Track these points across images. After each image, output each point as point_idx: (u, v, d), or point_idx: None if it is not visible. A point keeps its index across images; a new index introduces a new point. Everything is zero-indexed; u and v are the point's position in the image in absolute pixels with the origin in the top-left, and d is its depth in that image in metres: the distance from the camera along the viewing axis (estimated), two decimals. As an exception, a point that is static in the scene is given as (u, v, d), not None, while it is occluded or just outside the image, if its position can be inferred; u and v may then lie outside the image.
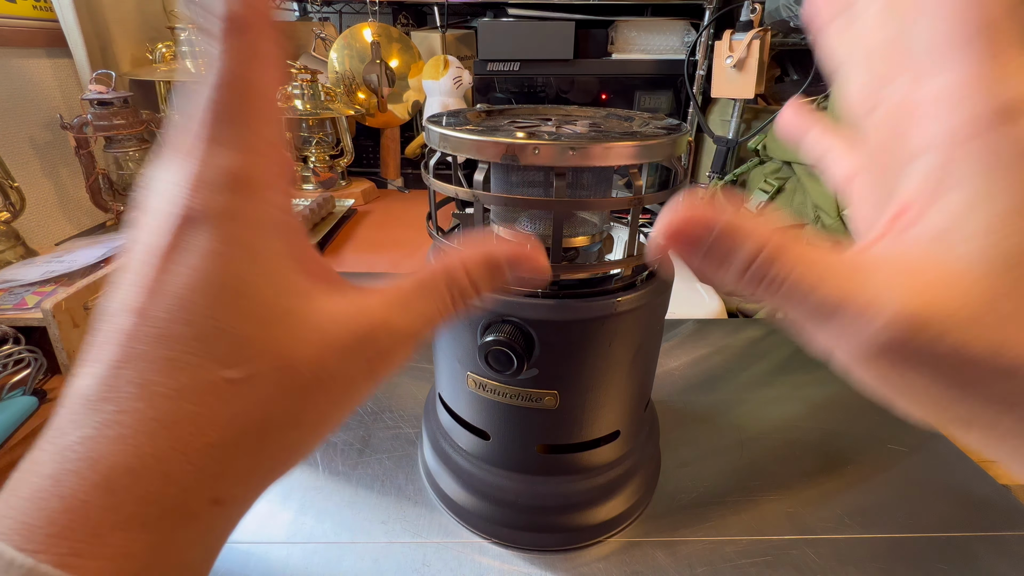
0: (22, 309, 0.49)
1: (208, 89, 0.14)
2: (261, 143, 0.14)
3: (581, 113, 0.38)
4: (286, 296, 0.14)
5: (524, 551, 0.37)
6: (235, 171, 0.14)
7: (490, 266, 0.17)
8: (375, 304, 0.15)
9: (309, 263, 0.15)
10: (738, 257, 0.12)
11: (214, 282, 0.13)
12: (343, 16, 1.18)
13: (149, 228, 0.14)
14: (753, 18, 0.84)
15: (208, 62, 0.14)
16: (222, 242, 0.13)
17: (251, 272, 0.14)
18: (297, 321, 0.14)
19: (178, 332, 0.13)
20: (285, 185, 0.15)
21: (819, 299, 0.12)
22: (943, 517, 0.39)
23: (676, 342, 0.62)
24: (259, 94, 0.14)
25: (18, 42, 0.75)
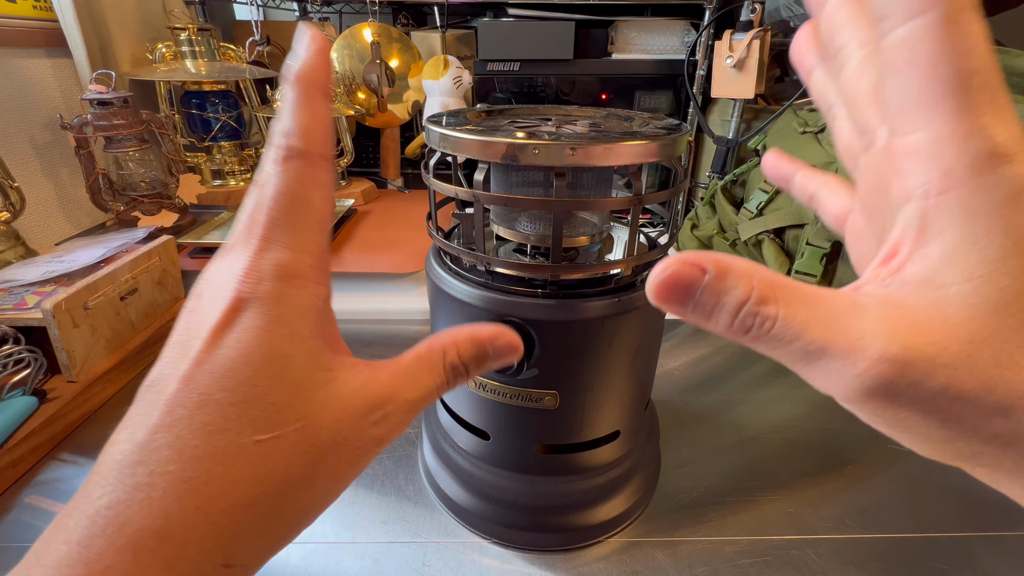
0: (22, 309, 0.49)
1: (268, 200, 0.16)
2: (308, 244, 0.16)
3: (581, 113, 0.38)
4: (316, 369, 0.16)
5: (524, 551, 0.37)
6: (284, 264, 0.16)
7: (476, 344, 0.20)
8: (384, 376, 0.17)
9: (334, 342, 0.17)
10: (727, 304, 0.13)
11: (256, 354, 0.15)
12: (343, 16, 1.18)
13: (203, 309, 0.16)
14: (753, 18, 0.84)
15: (269, 179, 0.16)
16: (268, 320, 0.15)
17: (290, 347, 0.15)
18: (323, 390, 0.16)
19: (219, 398, 0.14)
20: (324, 278, 0.17)
21: (807, 340, 0.13)
22: (943, 517, 0.39)
23: (676, 342, 0.62)
24: (311, 207, 0.16)
25: (18, 42, 0.75)
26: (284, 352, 0.15)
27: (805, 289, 0.13)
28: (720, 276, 0.13)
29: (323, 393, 0.16)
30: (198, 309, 0.16)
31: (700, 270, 0.13)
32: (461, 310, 0.31)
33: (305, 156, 0.16)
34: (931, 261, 0.13)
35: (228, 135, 0.96)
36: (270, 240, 0.16)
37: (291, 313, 0.16)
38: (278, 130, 0.17)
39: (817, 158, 0.71)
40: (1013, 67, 0.67)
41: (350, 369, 0.17)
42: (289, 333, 0.15)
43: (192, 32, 0.87)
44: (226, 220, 0.79)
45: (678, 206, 0.35)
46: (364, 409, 0.16)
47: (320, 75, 0.17)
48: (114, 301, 0.52)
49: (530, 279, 0.31)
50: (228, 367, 0.14)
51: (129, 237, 0.68)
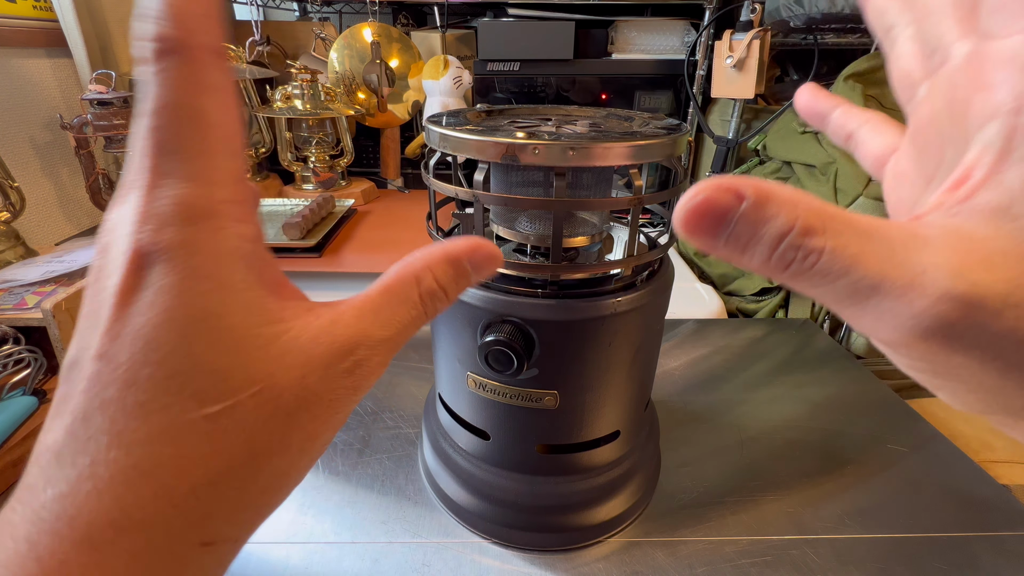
0: (22, 309, 0.49)
1: (146, 118, 0.13)
2: (217, 173, 0.13)
3: (581, 113, 0.38)
4: (259, 323, 0.14)
5: (524, 551, 0.37)
6: (186, 201, 0.13)
7: (453, 263, 0.17)
8: (349, 317, 0.15)
9: (280, 288, 0.15)
10: (766, 235, 0.11)
11: (179, 317, 0.12)
12: (343, 16, 1.18)
13: (102, 268, 0.13)
14: (753, 18, 0.84)
15: (144, 90, 0.13)
16: (182, 276, 0.13)
17: (219, 303, 0.13)
18: (274, 346, 0.14)
19: (147, 374, 0.12)
20: (246, 214, 0.14)
21: (859, 275, 0.11)
22: (943, 517, 0.39)
23: (676, 342, 0.62)
24: (209, 122, 0.13)
25: (18, 42, 0.75)
26: (213, 310, 0.13)
27: (858, 220, 0.11)
28: (760, 204, 0.11)
29: (276, 348, 0.14)
30: (101, 268, 0.13)
31: (736, 196, 0.11)
32: (461, 310, 0.31)
33: (186, 51, 0.13)
34: (1010, 187, 0.11)
35: (228, 135, 0.96)
36: (161, 172, 0.13)
37: (210, 263, 0.13)
38: (142, 15, 0.13)
39: (817, 158, 0.71)
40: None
41: (305, 315, 0.15)
42: (214, 286, 0.13)
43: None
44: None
45: (678, 206, 0.35)
46: (330, 358, 0.14)
47: None
48: (114, 301, 0.52)
49: (530, 279, 0.31)
50: (150, 336, 0.12)
51: (129, 237, 0.68)
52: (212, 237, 0.13)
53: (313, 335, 0.14)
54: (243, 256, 0.14)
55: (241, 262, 0.14)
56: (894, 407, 0.51)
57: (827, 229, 0.11)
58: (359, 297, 0.16)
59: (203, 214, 0.13)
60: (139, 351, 0.12)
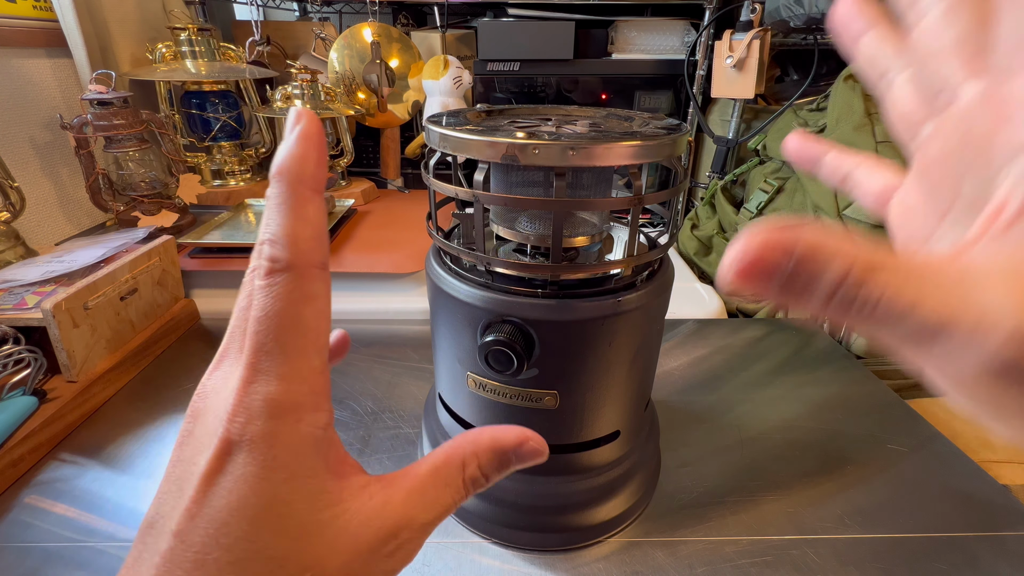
0: (22, 309, 0.49)
1: (254, 323, 0.14)
2: (303, 370, 0.15)
3: (581, 113, 0.38)
4: (320, 509, 0.15)
5: (524, 551, 0.37)
6: (275, 399, 0.14)
7: (499, 454, 0.18)
8: (398, 500, 0.16)
9: (340, 466, 0.16)
10: (822, 284, 0.11)
11: (252, 504, 0.14)
12: (343, 16, 1.18)
13: (195, 444, 0.15)
14: (753, 18, 0.84)
15: (255, 298, 0.14)
16: (260, 466, 0.14)
17: (289, 491, 0.14)
18: (329, 530, 0.15)
19: (215, 557, 0.13)
20: (323, 404, 0.15)
21: (920, 319, 0.11)
22: (943, 517, 0.39)
23: (676, 342, 0.62)
24: (303, 328, 0.15)
25: (18, 42, 0.75)
26: (283, 499, 0.14)
27: (909, 259, 0.11)
28: (811, 255, 0.11)
29: (330, 534, 0.15)
30: (190, 442, 0.15)
31: (785, 254, 0.11)
32: (461, 310, 0.31)
33: (294, 268, 0.14)
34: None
35: (228, 135, 0.96)
36: (258, 370, 0.14)
37: (287, 454, 0.14)
38: (262, 238, 0.15)
39: (817, 158, 0.71)
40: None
41: (359, 496, 0.16)
42: (287, 476, 0.14)
43: (192, 32, 0.87)
44: (226, 220, 0.79)
45: (678, 206, 0.35)
46: (376, 543, 0.15)
47: (308, 168, 0.15)
48: (114, 301, 0.52)
49: (530, 279, 0.31)
50: (223, 521, 0.13)
51: (129, 237, 0.68)
52: (292, 429, 0.14)
53: (365, 518, 0.15)
54: (314, 443, 0.15)
55: (312, 449, 0.15)
56: (894, 407, 0.51)
57: (880, 274, 0.11)
58: (410, 474, 0.17)
59: (287, 408, 0.14)
60: (211, 535, 0.13)
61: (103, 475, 0.43)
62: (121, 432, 0.47)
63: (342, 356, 0.22)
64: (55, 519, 0.38)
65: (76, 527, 0.38)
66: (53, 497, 0.40)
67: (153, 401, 0.51)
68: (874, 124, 0.64)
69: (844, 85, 0.71)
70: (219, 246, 0.70)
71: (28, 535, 0.37)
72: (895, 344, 0.12)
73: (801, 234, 0.11)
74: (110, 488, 0.41)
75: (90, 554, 0.36)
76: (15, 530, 0.37)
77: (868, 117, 0.65)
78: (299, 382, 0.15)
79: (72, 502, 0.40)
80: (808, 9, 0.76)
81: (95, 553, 0.36)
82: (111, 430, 0.47)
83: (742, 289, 0.11)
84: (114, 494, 0.41)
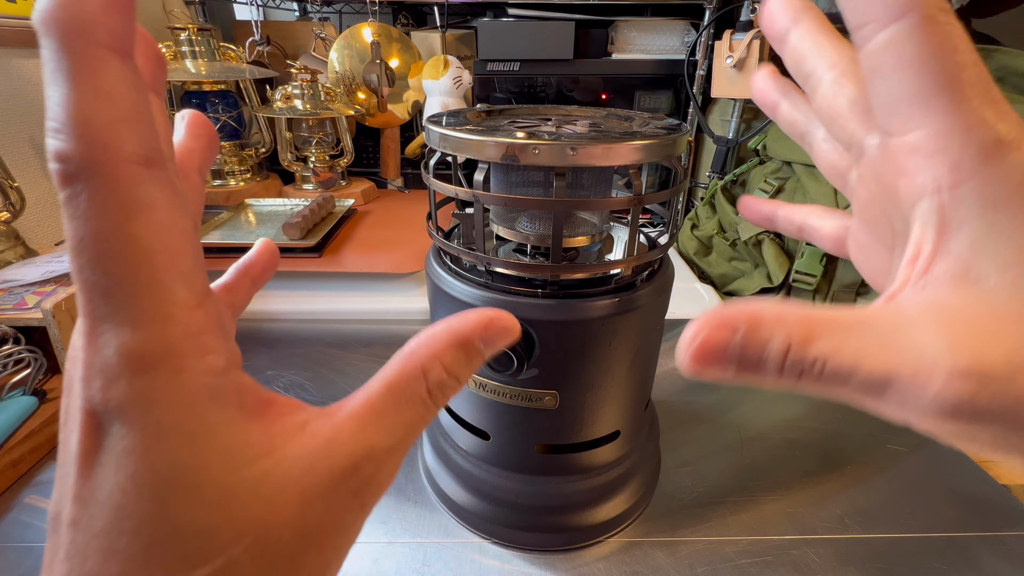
0: (22, 309, 0.49)
1: (71, 258, 0.11)
2: (164, 306, 0.11)
3: (581, 113, 0.38)
4: (244, 465, 0.12)
5: (524, 551, 0.37)
6: (133, 350, 0.11)
7: (463, 346, 0.15)
8: (348, 431, 0.13)
9: (265, 410, 0.13)
10: (771, 355, 0.12)
11: (147, 480, 0.11)
12: (343, 16, 1.18)
13: (67, 426, 0.12)
14: (753, 18, 0.84)
15: (64, 220, 0.10)
16: (143, 434, 0.11)
17: (191, 455, 0.12)
18: (263, 488, 0.12)
19: (125, 544, 0.11)
20: (211, 343, 0.12)
21: (865, 375, 0.11)
22: (943, 517, 0.39)
23: (676, 342, 0.62)
24: (141, 253, 0.11)
25: (18, 42, 0.75)
26: (188, 465, 0.11)
27: (843, 317, 0.12)
28: (752, 330, 0.12)
29: (265, 490, 0.12)
30: (65, 419, 0.12)
31: (730, 330, 0.12)
32: (461, 310, 0.31)
33: (97, 170, 0.10)
34: (959, 255, 0.12)
35: (228, 135, 0.96)
36: (97, 318, 0.11)
37: (173, 413, 0.11)
38: (47, 125, 0.10)
39: (817, 158, 0.71)
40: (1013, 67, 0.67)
41: (298, 439, 0.13)
42: (182, 439, 0.11)
43: (192, 32, 0.87)
44: (226, 220, 0.79)
45: (678, 206, 0.35)
46: (331, 484, 0.13)
47: (93, 8, 0.10)
48: (114, 301, 0.52)
49: (530, 279, 0.31)
50: (119, 504, 0.11)
51: (129, 237, 0.68)
52: (170, 384, 0.11)
53: (309, 462, 0.13)
54: (212, 394, 0.12)
55: (211, 402, 0.12)
56: (894, 407, 0.51)
57: (820, 335, 0.12)
58: (360, 399, 0.14)
59: (154, 360, 0.11)
60: (112, 521, 0.11)
61: (103, 475, 0.43)
62: (121, 432, 0.47)
63: (271, 273, 0.18)
64: (55, 519, 0.38)
65: (76, 527, 0.38)
66: (53, 497, 0.40)
67: (153, 401, 0.51)
68: (874, 124, 0.64)
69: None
70: (219, 246, 0.70)
71: (28, 535, 0.37)
72: (855, 401, 0.12)
73: (742, 310, 0.12)
74: (110, 488, 0.41)
75: (90, 554, 0.36)
76: (15, 530, 0.37)
77: (868, 117, 0.65)
78: (160, 324, 0.11)
79: (72, 502, 0.40)
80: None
81: (95, 553, 0.36)
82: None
83: (702, 371, 0.12)
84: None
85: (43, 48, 0.10)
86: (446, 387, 0.15)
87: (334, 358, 0.58)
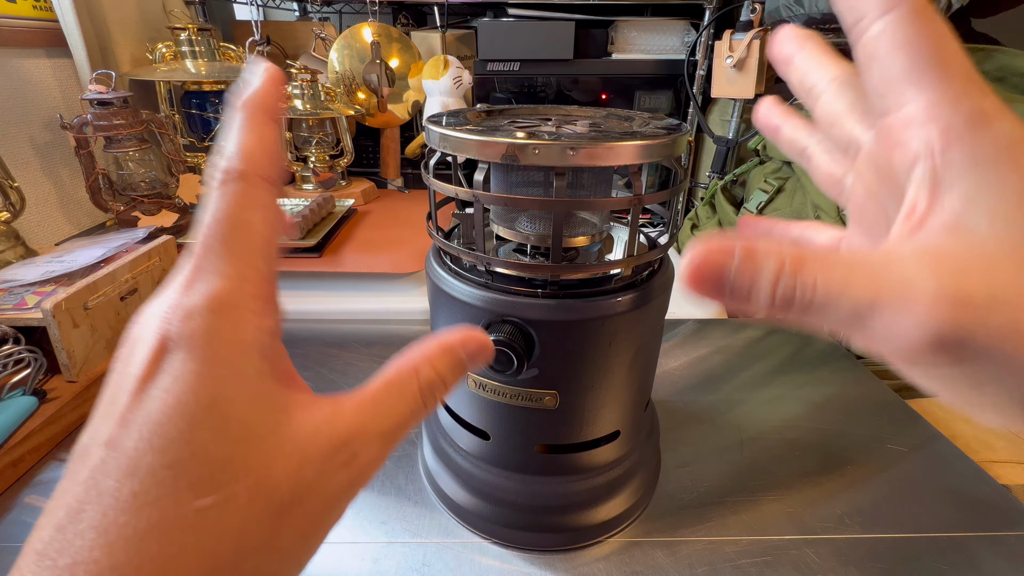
0: (22, 309, 0.49)
1: (203, 227, 0.15)
2: (248, 272, 0.14)
3: (581, 113, 0.38)
4: (266, 411, 0.14)
5: (524, 551, 0.37)
6: (215, 295, 0.14)
7: (449, 352, 0.18)
8: (349, 410, 0.15)
9: (289, 380, 0.16)
10: (763, 281, 0.13)
11: (190, 402, 0.13)
12: (343, 16, 1.18)
13: (125, 359, 0.14)
14: (753, 18, 0.84)
15: (206, 205, 0.15)
16: (200, 362, 0.13)
17: (231, 389, 0.13)
18: (275, 436, 0.14)
19: (148, 462, 0.12)
20: (269, 309, 0.15)
21: (852, 300, 0.12)
22: (943, 517, 0.39)
23: (676, 342, 0.62)
24: (250, 231, 0.15)
25: (18, 42, 0.75)
26: (224, 396, 0.13)
27: (835, 254, 0.13)
28: (748, 256, 0.13)
29: (276, 438, 0.14)
30: (125, 358, 0.14)
31: (727, 254, 0.13)
32: (461, 310, 0.31)
33: (245, 177, 0.15)
34: (952, 209, 0.13)
35: (228, 135, 0.96)
36: (201, 269, 0.14)
37: (228, 350, 0.14)
38: (219, 156, 0.15)
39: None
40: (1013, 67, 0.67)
41: (308, 407, 0.15)
42: (228, 373, 0.13)
43: (192, 32, 0.87)
44: (226, 220, 0.79)
45: (678, 206, 0.35)
46: (328, 450, 0.14)
47: (269, 101, 0.16)
48: (114, 301, 0.52)
49: (530, 279, 0.31)
50: (158, 422, 0.12)
51: (129, 237, 0.68)
52: (234, 327, 0.14)
53: (313, 427, 0.15)
54: (260, 347, 0.14)
55: (257, 353, 0.14)
56: (894, 407, 0.51)
57: (813, 263, 0.13)
58: (360, 390, 0.16)
59: (229, 306, 0.14)
60: (145, 438, 0.12)
61: (103, 475, 0.43)
62: (121, 432, 0.47)
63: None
64: (55, 519, 0.38)
65: (76, 527, 0.38)
66: (53, 497, 0.40)
67: (153, 401, 0.51)
68: (874, 124, 0.64)
69: (844, 85, 0.71)
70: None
71: (28, 535, 0.37)
72: (843, 329, 0.13)
73: (738, 240, 0.13)
74: (110, 488, 0.41)
75: (90, 554, 0.36)
76: (15, 530, 0.37)
77: (868, 117, 0.65)
78: (242, 282, 0.14)
79: (72, 502, 0.40)
80: (808, 9, 0.76)
81: (95, 553, 0.36)
82: (111, 430, 0.47)
83: (698, 290, 0.13)
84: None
85: (234, 116, 0.16)
86: (435, 386, 0.17)
87: (334, 358, 0.58)
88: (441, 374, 0.17)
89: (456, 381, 0.18)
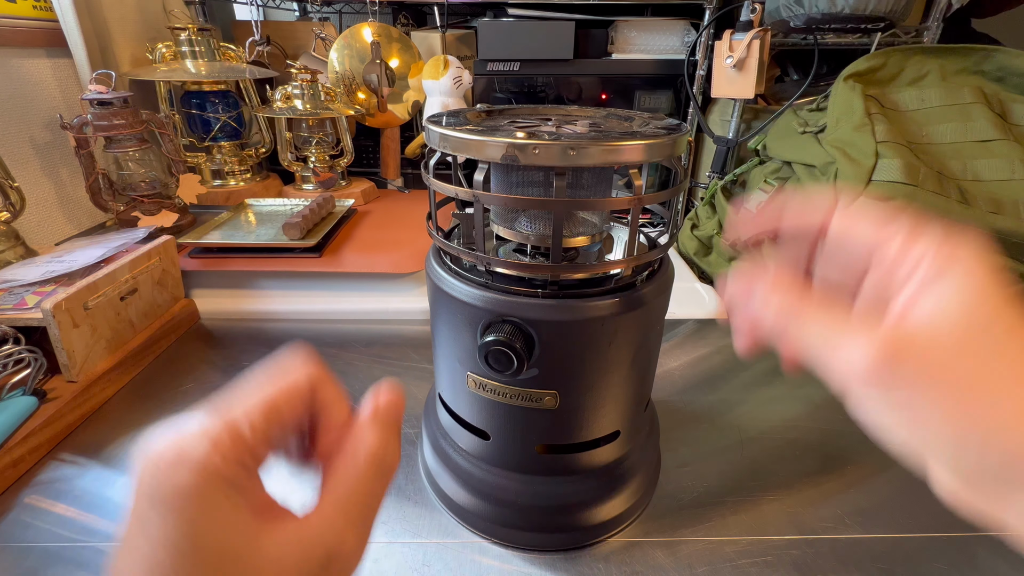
0: (22, 309, 0.49)
1: None
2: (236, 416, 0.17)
3: (581, 113, 0.38)
4: (238, 537, 0.15)
5: (524, 551, 0.37)
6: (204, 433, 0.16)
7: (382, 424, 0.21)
8: (314, 519, 0.18)
9: (264, 508, 0.17)
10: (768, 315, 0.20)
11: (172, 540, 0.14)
12: (343, 16, 1.18)
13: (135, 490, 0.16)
14: (753, 18, 0.84)
15: None
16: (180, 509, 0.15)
17: (208, 521, 0.15)
18: (251, 556, 0.15)
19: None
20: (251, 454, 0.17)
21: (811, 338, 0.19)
22: (943, 517, 0.39)
23: (676, 342, 0.62)
24: (276, 408, 0.18)
25: (18, 42, 0.75)
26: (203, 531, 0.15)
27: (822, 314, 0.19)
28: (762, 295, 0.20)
29: (253, 558, 0.15)
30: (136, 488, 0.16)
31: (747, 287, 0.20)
32: (461, 310, 0.31)
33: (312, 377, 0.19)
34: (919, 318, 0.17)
35: (228, 135, 0.96)
36: None
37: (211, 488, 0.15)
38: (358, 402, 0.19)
39: (817, 158, 0.71)
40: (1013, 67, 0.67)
41: (282, 527, 0.17)
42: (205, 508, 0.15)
43: (192, 32, 0.87)
44: (226, 220, 0.79)
45: (678, 206, 0.35)
46: (301, 558, 0.17)
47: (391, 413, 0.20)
48: (114, 301, 0.52)
49: (530, 279, 0.31)
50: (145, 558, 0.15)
51: (129, 237, 0.68)
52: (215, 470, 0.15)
53: (284, 541, 0.17)
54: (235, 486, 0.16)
55: (232, 488, 0.16)
56: (894, 407, 0.51)
57: None
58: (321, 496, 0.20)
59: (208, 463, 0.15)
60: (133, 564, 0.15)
61: (103, 475, 0.43)
62: (121, 432, 0.47)
63: None
64: (55, 519, 0.38)
65: (76, 527, 0.38)
66: (53, 497, 0.40)
67: (153, 401, 0.51)
68: (874, 124, 0.64)
69: (844, 85, 0.71)
70: (219, 246, 0.70)
71: (28, 535, 0.37)
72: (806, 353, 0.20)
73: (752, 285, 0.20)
74: (110, 488, 0.41)
75: (90, 554, 0.36)
76: (15, 530, 0.37)
77: (868, 117, 0.65)
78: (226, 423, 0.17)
79: (72, 502, 0.40)
80: (808, 9, 0.76)
81: (95, 553, 0.36)
82: (111, 430, 0.47)
83: None
84: (114, 494, 0.41)
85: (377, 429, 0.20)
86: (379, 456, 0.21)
87: (334, 358, 0.58)
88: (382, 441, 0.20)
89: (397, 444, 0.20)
